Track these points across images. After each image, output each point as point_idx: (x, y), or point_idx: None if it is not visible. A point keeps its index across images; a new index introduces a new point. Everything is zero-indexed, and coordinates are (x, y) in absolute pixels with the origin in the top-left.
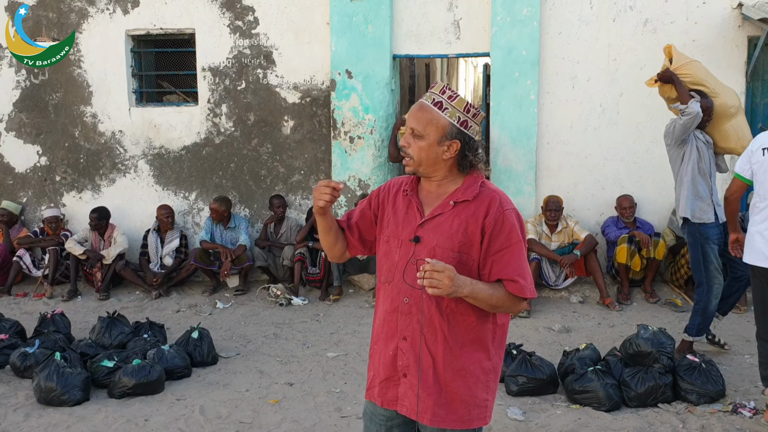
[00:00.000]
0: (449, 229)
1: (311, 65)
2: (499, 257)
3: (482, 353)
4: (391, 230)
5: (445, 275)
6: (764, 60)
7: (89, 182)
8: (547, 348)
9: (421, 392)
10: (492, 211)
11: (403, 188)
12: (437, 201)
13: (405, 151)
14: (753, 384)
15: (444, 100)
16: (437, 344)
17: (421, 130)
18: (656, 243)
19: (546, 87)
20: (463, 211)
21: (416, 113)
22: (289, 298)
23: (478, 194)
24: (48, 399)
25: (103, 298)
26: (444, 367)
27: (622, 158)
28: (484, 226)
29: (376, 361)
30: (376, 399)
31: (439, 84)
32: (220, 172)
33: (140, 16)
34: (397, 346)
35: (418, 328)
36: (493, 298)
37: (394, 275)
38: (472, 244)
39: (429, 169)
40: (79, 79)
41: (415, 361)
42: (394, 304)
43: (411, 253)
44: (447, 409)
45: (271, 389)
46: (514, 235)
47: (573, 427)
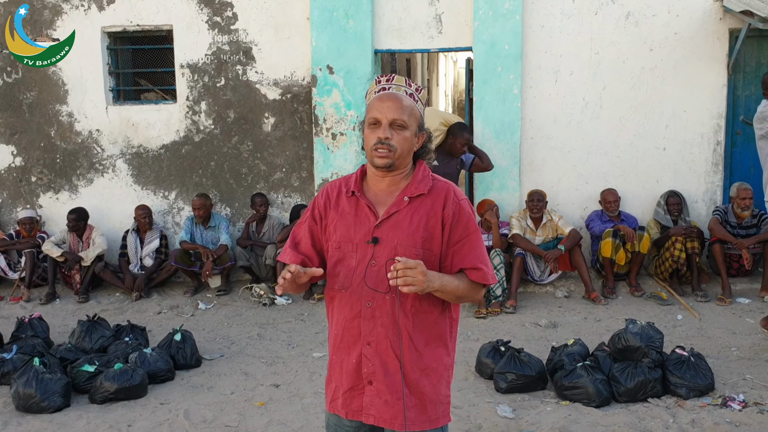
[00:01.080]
0: (409, 226)
1: (291, 61)
2: (459, 247)
3: (443, 349)
4: (341, 235)
5: (418, 271)
6: (745, 52)
7: (66, 183)
8: (534, 343)
9: (389, 397)
10: (449, 203)
11: (346, 190)
12: (389, 198)
13: (387, 143)
14: (741, 377)
15: (414, 93)
16: (403, 346)
17: (406, 119)
18: (640, 236)
19: (529, 81)
20: (421, 205)
21: (395, 104)
22: (272, 298)
23: (432, 187)
24: (27, 406)
25: (82, 300)
26: (411, 368)
27: (605, 152)
28: (444, 218)
29: (338, 371)
30: (340, 411)
31: (399, 77)
32: (200, 171)
33: (116, 13)
34: (361, 352)
35: (383, 332)
36: (460, 288)
37: (352, 281)
38: (434, 238)
39: (403, 162)
40: (54, 77)
41: (381, 366)
42: (355, 310)
43: (370, 256)
44: (417, 411)
45: (256, 391)
46: (471, 225)
47: (563, 424)
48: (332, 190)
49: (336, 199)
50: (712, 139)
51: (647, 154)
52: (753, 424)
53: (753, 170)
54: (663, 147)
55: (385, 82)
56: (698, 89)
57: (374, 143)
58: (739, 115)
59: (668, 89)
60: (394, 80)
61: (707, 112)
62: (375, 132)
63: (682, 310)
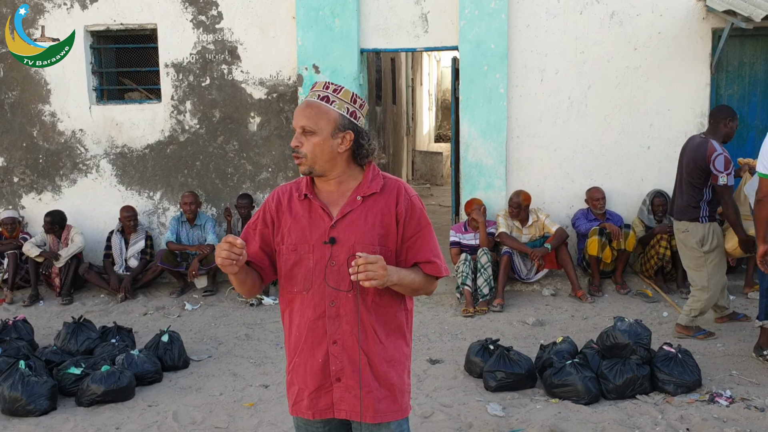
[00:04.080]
0: (365, 224)
1: (277, 60)
2: (413, 242)
3: (402, 340)
4: (296, 237)
5: (378, 265)
6: (728, 52)
7: (49, 183)
8: (523, 342)
9: (359, 391)
10: (401, 200)
11: (298, 193)
12: (342, 199)
13: (297, 151)
14: (727, 373)
15: (330, 94)
16: (368, 340)
17: (312, 125)
18: (626, 234)
19: (515, 80)
20: (374, 204)
21: (304, 111)
22: (259, 298)
23: (383, 185)
24: (13, 409)
25: (66, 302)
26: (377, 360)
27: (590, 151)
28: (398, 214)
29: (302, 373)
30: (306, 412)
31: (321, 82)
32: (186, 171)
33: (99, 11)
34: (327, 351)
35: (348, 329)
36: (416, 282)
37: (312, 282)
38: (389, 235)
39: (326, 166)
40: (36, 76)
41: (349, 363)
42: (318, 310)
43: (328, 256)
44: (387, 402)
45: (245, 392)
46: (423, 219)
47: (554, 422)
48: (283, 194)
49: (288, 203)
50: None
51: (632, 152)
52: (740, 420)
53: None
54: (647, 145)
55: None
56: (682, 88)
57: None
58: None
59: (652, 88)
60: (315, 86)
61: (691, 111)
62: None
63: (667, 307)
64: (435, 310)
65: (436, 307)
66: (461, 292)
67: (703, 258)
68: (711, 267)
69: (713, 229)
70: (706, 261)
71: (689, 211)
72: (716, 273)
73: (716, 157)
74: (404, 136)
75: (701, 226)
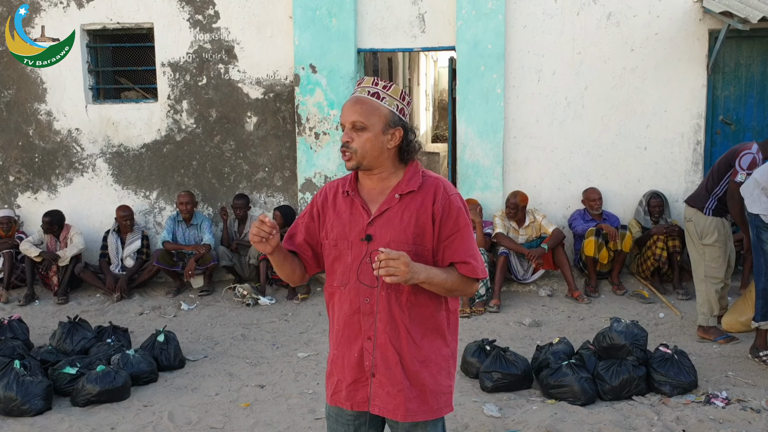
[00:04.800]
0: (400, 222)
1: (274, 60)
2: (449, 242)
3: (441, 341)
4: (337, 233)
5: (400, 261)
6: (725, 53)
7: (45, 182)
8: (519, 342)
9: (391, 389)
10: (439, 198)
11: (342, 189)
12: (381, 197)
13: (347, 146)
14: (723, 374)
15: (380, 91)
16: (400, 339)
17: (364, 120)
18: (623, 235)
19: (512, 81)
20: (411, 202)
21: (354, 107)
22: (256, 298)
23: (422, 183)
24: (8, 409)
25: (61, 302)
26: (410, 360)
27: (587, 151)
28: (434, 213)
29: (340, 365)
30: (344, 403)
31: (368, 78)
32: (182, 170)
33: (96, 10)
34: (362, 347)
35: (381, 326)
36: (448, 281)
37: (349, 278)
38: (425, 234)
39: (374, 162)
40: (32, 75)
41: (382, 360)
42: (354, 305)
43: (364, 253)
44: (418, 402)
45: (241, 392)
46: (462, 219)
47: (550, 422)
48: (330, 191)
49: (333, 199)
50: (692, 139)
51: (629, 153)
52: (736, 421)
53: None
54: (644, 146)
55: (356, 86)
56: (678, 89)
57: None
58: (719, 115)
59: (649, 89)
60: (363, 83)
61: (687, 112)
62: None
63: (663, 308)
64: None
65: None
66: None
67: (702, 249)
68: (709, 260)
69: (716, 224)
70: (703, 254)
71: (699, 198)
72: (715, 268)
73: (745, 154)
74: None
75: (703, 218)
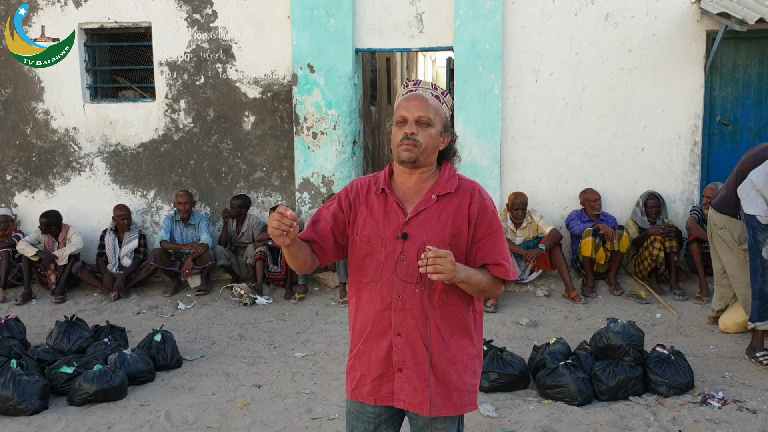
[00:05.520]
0: (437, 223)
1: (272, 59)
2: (482, 244)
3: (467, 340)
4: (370, 230)
5: (447, 260)
6: (722, 54)
7: (42, 181)
8: (516, 342)
9: (418, 384)
10: (475, 201)
11: (376, 187)
12: (417, 197)
13: (413, 137)
14: (720, 375)
15: (440, 95)
16: (431, 336)
17: (431, 117)
18: (620, 236)
19: (510, 81)
20: (448, 204)
21: (422, 103)
22: (253, 298)
23: (459, 186)
24: (4, 409)
25: (58, 301)
26: (438, 357)
27: (585, 152)
28: (470, 215)
29: (365, 360)
30: (367, 398)
31: (425, 81)
32: (180, 170)
33: (93, 9)
34: (391, 342)
35: (413, 323)
36: (483, 282)
37: (382, 274)
38: (460, 235)
39: (428, 159)
40: (29, 74)
41: (411, 355)
42: (386, 301)
43: (400, 251)
44: (443, 398)
45: (238, 392)
46: (495, 222)
47: (546, 423)
48: (362, 186)
49: (366, 195)
50: (690, 140)
51: (626, 154)
52: (732, 422)
53: (729, 170)
54: (641, 147)
55: (413, 85)
56: (676, 90)
57: (401, 139)
58: (716, 116)
59: (647, 90)
60: (421, 84)
61: (685, 113)
62: (402, 129)
63: (660, 308)
64: None
65: None
66: None
67: (743, 255)
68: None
69: None
70: (745, 259)
71: (729, 204)
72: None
73: None
74: None
75: (739, 223)
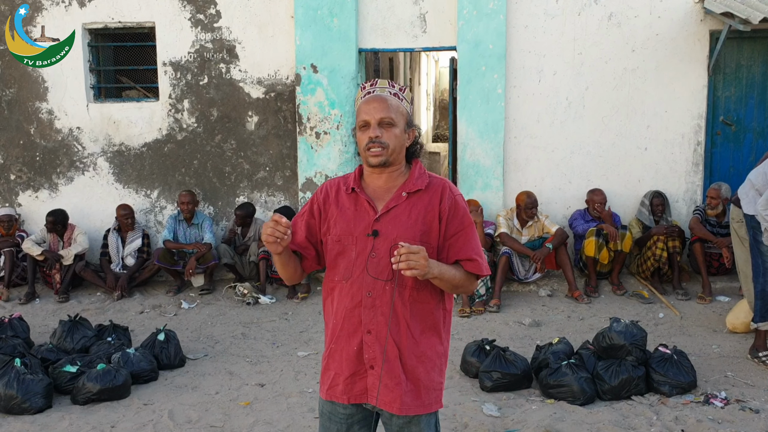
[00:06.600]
0: (408, 219)
1: (275, 59)
2: (455, 240)
3: (436, 338)
4: (341, 229)
5: (421, 256)
6: (726, 54)
7: (46, 181)
8: (519, 342)
9: (389, 381)
10: (445, 198)
11: (345, 186)
12: (387, 195)
13: (378, 140)
14: (722, 374)
15: (398, 92)
16: (401, 334)
17: (393, 117)
18: (623, 235)
19: (513, 81)
20: (419, 201)
21: (382, 104)
22: (256, 297)
23: (429, 183)
24: (8, 407)
25: (62, 300)
26: (408, 355)
27: (588, 152)
28: (441, 211)
29: (338, 358)
30: (340, 397)
31: (382, 80)
32: (183, 169)
33: (97, 9)
34: (362, 339)
35: (383, 320)
36: (456, 277)
37: (353, 272)
38: (431, 231)
39: (397, 158)
40: (33, 74)
41: (381, 353)
42: (356, 299)
43: (370, 248)
44: (412, 396)
45: (241, 391)
46: (466, 218)
47: (549, 422)
48: (331, 188)
49: (336, 196)
50: (693, 140)
51: (629, 153)
52: (735, 421)
53: (732, 170)
54: (645, 147)
55: (370, 86)
56: (679, 90)
57: (366, 143)
58: (719, 116)
59: (650, 90)
60: (378, 83)
61: (688, 113)
62: (366, 133)
63: (663, 308)
64: None
65: None
66: None
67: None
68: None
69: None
70: None
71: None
72: None
73: None
74: None
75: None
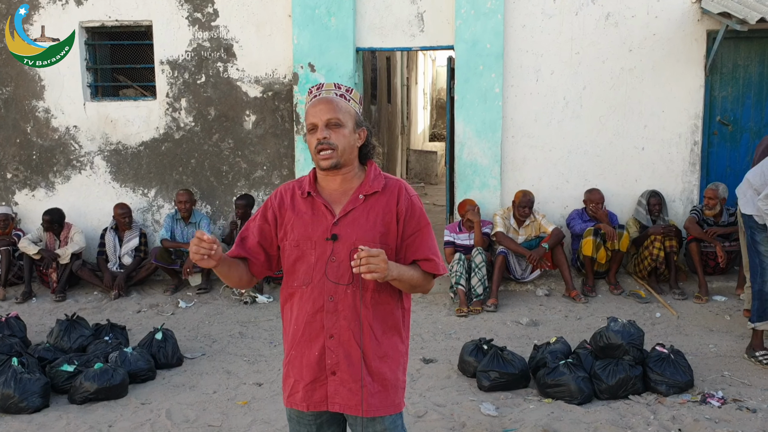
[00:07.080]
0: (366, 222)
1: (273, 58)
2: (412, 240)
3: (398, 337)
4: (299, 234)
5: (380, 259)
6: (723, 54)
7: (42, 179)
8: (516, 341)
9: (353, 385)
10: (402, 199)
11: (301, 191)
12: (344, 197)
13: (326, 142)
14: (719, 374)
15: (345, 93)
16: (364, 336)
17: (341, 117)
18: (620, 235)
19: (510, 80)
20: (376, 203)
21: (328, 105)
22: (253, 296)
23: (385, 184)
24: (5, 407)
25: (59, 299)
26: (371, 356)
27: (585, 151)
28: (398, 212)
29: (297, 365)
30: (300, 404)
31: (328, 83)
32: (180, 168)
33: (94, 8)
34: (324, 345)
35: (345, 324)
36: (414, 278)
37: (312, 277)
38: (389, 233)
39: (348, 160)
40: (30, 72)
41: (345, 357)
42: (317, 304)
43: (330, 252)
44: (380, 397)
45: (239, 390)
46: (423, 219)
47: (547, 422)
48: (286, 192)
49: (291, 201)
50: (690, 139)
51: (626, 153)
52: (732, 421)
53: (729, 170)
54: (642, 147)
55: (316, 90)
56: (676, 90)
57: (315, 146)
58: (716, 115)
59: (647, 89)
60: (324, 87)
61: (685, 113)
62: (314, 135)
63: (660, 307)
64: (429, 309)
65: (429, 306)
66: (455, 292)
67: None
68: None
69: None
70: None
71: None
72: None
73: None
74: (399, 134)
75: None
